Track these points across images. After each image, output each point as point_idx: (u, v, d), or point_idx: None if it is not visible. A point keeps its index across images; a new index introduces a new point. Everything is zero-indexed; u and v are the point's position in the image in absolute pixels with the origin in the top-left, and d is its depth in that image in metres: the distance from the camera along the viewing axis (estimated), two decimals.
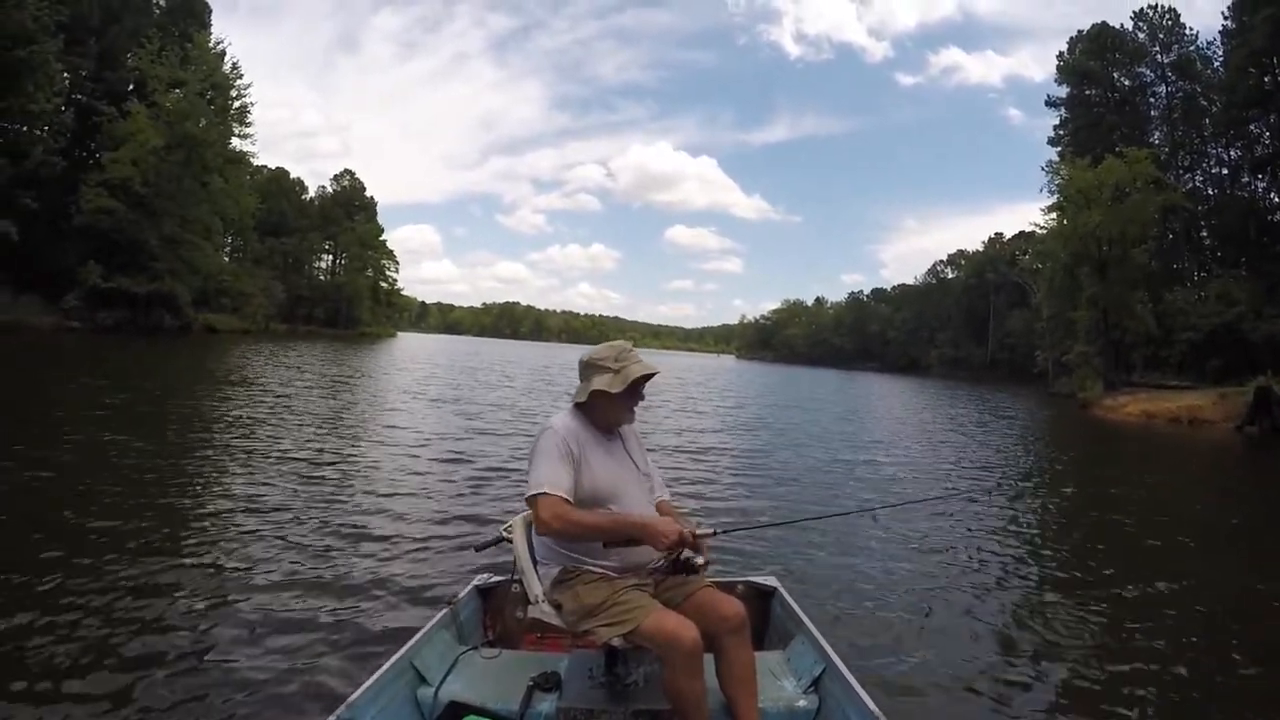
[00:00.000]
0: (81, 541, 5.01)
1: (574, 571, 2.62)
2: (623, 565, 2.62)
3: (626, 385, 2.67)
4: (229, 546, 5.25)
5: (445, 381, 24.35)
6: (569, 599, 2.56)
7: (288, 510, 6.33)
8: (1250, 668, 4.28)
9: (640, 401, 2.80)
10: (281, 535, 5.58)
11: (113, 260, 39.82)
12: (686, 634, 2.31)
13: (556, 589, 2.61)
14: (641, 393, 2.79)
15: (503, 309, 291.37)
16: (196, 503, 6.47)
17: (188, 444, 9.07)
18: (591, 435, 2.72)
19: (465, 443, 10.97)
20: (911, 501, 4.32)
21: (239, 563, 4.92)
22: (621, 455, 2.77)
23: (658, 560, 2.62)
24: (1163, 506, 10.04)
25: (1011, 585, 5.71)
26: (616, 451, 2.76)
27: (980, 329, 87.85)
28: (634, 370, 2.68)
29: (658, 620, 2.36)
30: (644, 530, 2.53)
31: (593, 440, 2.70)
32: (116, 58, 43.24)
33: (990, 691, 3.78)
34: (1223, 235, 47.17)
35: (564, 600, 2.57)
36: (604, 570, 2.60)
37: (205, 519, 5.96)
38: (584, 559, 2.62)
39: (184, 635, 3.77)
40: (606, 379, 2.68)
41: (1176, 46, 52.25)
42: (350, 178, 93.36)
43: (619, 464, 2.73)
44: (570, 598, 2.56)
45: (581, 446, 2.63)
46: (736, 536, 6.26)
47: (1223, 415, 24.80)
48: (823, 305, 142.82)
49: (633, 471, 2.76)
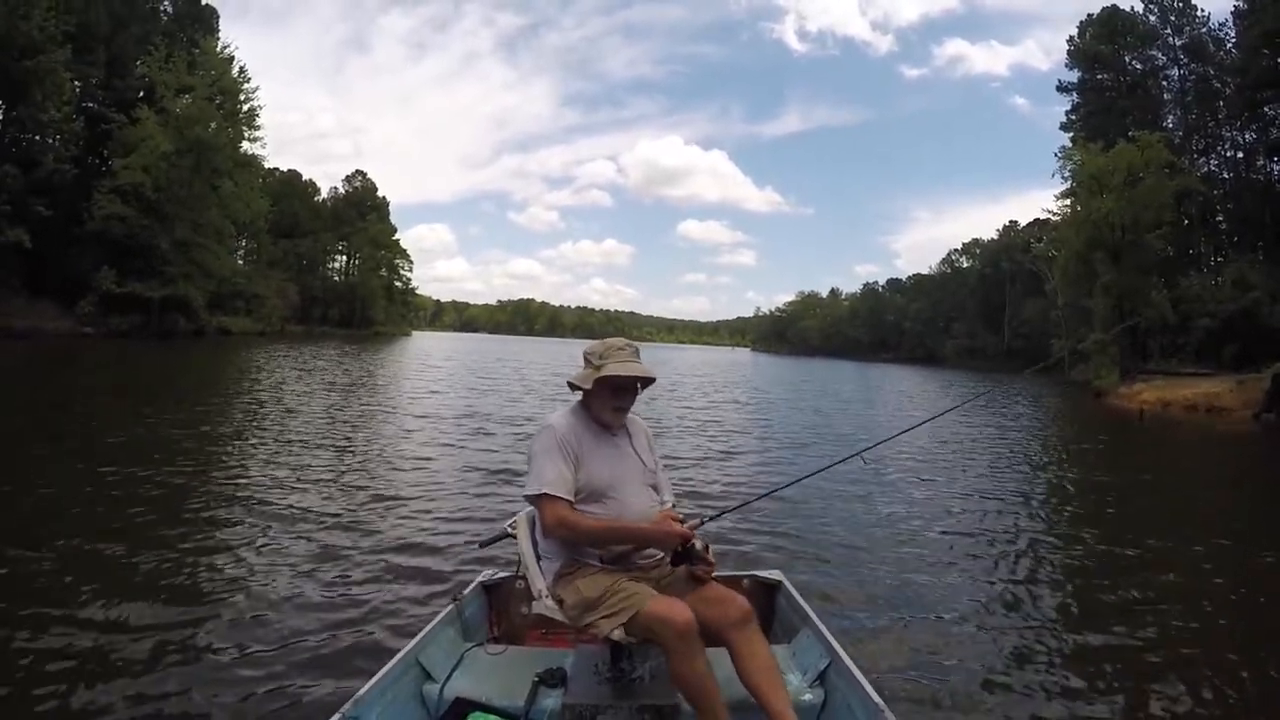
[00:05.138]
0: (80, 541, 5.05)
1: (575, 566, 2.63)
2: (615, 560, 2.62)
3: (591, 384, 2.67)
4: (235, 543, 5.29)
5: (456, 383, 24.41)
6: (570, 593, 2.56)
7: (293, 507, 6.38)
8: (1270, 667, 4.22)
9: (626, 402, 2.75)
10: (287, 531, 5.63)
11: (126, 265, 40.17)
12: (679, 615, 2.29)
13: (559, 584, 2.61)
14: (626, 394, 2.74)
15: (517, 306, 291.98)
16: (201, 500, 6.51)
17: (192, 442, 9.14)
18: (592, 431, 2.72)
19: (470, 441, 10.99)
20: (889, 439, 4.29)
21: (244, 560, 4.96)
22: (625, 451, 2.76)
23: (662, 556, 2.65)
24: (1176, 497, 9.94)
25: (1020, 578, 5.66)
26: (620, 446, 2.75)
27: (996, 318, 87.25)
28: (607, 370, 2.66)
29: (652, 606, 2.35)
30: (646, 537, 2.56)
31: (592, 436, 2.70)
32: (125, 65, 43.61)
33: (997, 684, 3.76)
34: (1239, 219, 46.49)
35: (566, 595, 2.57)
36: (598, 565, 2.62)
37: (209, 515, 6.01)
38: (585, 553, 2.63)
39: (189, 631, 3.79)
40: (585, 374, 2.70)
41: (1188, 29, 51.46)
42: (362, 178, 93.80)
43: (620, 458, 2.72)
44: (571, 592, 2.56)
45: (580, 442, 2.65)
46: (739, 533, 6.29)
47: (1240, 403, 24.44)
48: (837, 297, 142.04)
49: (636, 468, 2.74)
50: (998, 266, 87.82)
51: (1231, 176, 48.51)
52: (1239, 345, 34.47)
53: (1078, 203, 41.39)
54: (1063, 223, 44.95)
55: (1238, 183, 47.35)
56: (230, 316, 51.42)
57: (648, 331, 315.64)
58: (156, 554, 4.90)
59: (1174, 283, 42.19)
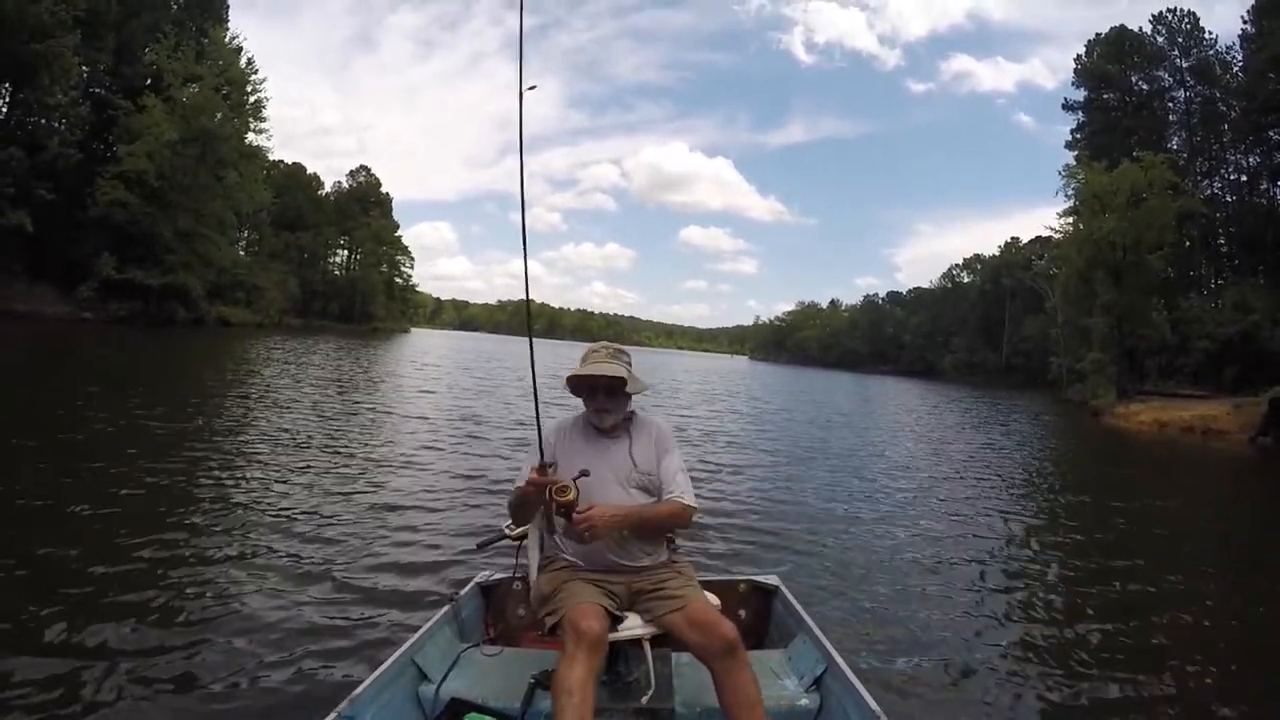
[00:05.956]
0: (79, 541, 4.99)
1: (548, 561, 2.74)
2: (586, 556, 2.65)
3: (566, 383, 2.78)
4: (230, 543, 5.24)
5: (454, 383, 24.37)
6: (537, 587, 2.65)
7: (290, 507, 6.32)
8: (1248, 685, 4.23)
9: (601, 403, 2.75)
10: (283, 532, 5.58)
11: (127, 252, 40.23)
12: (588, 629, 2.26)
13: (538, 578, 2.70)
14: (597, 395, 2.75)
15: (517, 307, 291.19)
16: (196, 500, 6.45)
17: (188, 441, 9.01)
18: (584, 431, 2.81)
19: (471, 443, 10.95)
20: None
21: (240, 559, 4.92)
22: (613, 451, 2.75)
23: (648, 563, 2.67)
24: (1169, 519, 9.93)
25: (1014, 588, 5.71)
26: (608, 447, 2.77)
27: (995, 334, 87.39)
28: (579, 369, 2.75)
29: (573, 611, 2.35)
30: (523, 494, 2.59)
31: (581, 435, 2.81)
32: (134, 52, 43.68)
33: (991, 691, 3.78)
34: (1241, 242, 46.56)
35: (537, 588, 2.66)
36: (570, 560, 2.67)
37: (205, 515, 5.95)
38: (558, 548, 2.72)
39: (184, 632, 3.76)
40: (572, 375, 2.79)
41: (1195, 51, 51.64)
42: (366, 174, 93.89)
43: (601, 458, 2.71)
44: (538, 586, 2.65)
45: (564, 440, 2.79)
46: (739, 539, 6.30)
47: (1237, 426, 24.45)
48: (837, 308, 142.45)
49: (622, 469, 2.72)
50: (998, 282, 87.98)
51: (1234, 199, 48.67)
52: (1238, 368, 34.55)
53: (1080, 221, 41.50)
54: (1064, 241, 45.06)
55: (1240, 206, 47.49)
56: (229, 307, 51.32)
57: (647, 336, 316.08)
58: (149, 554, 4.84)
59: (1174, 304, 42.34)
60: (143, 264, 40.68)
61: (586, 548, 2.60)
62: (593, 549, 2.61)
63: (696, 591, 2.59)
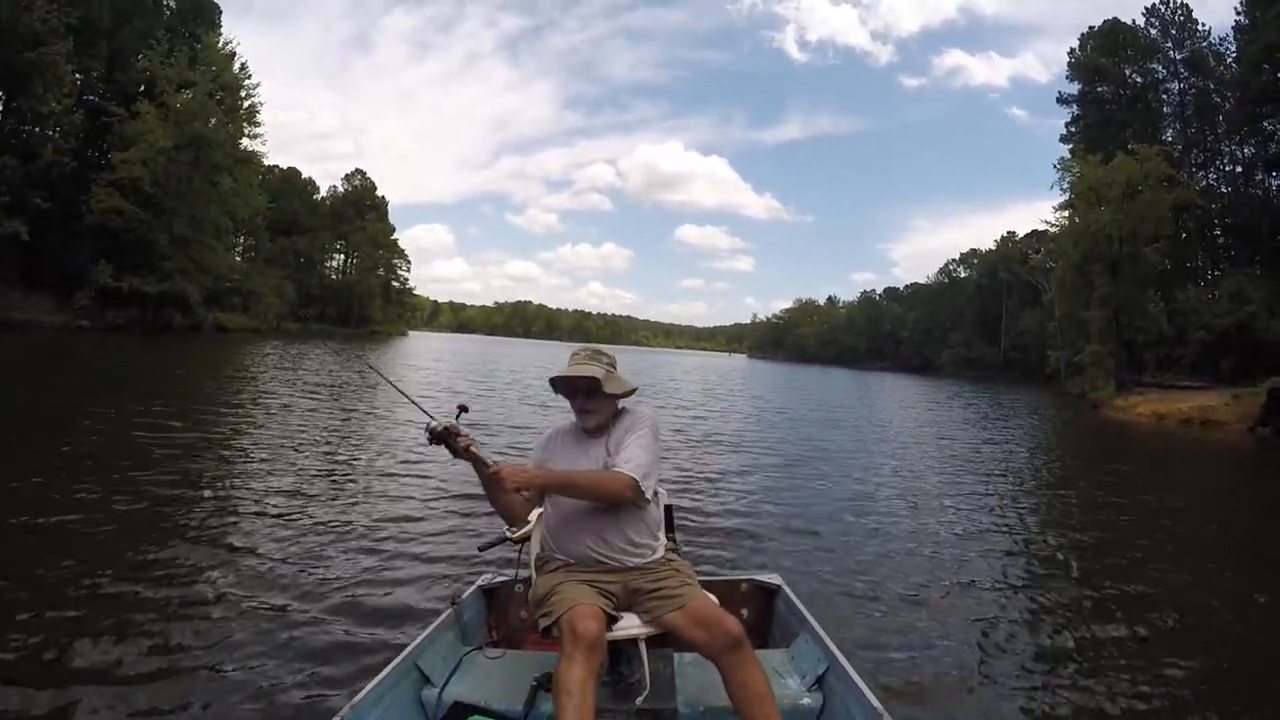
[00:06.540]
0: (79, 542, 5.02)
1: (543, 561, 2.76)
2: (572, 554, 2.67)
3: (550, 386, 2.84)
4: (231, 547, 5.23)
5: (456, 383, 24.35)
6: (534, 589, 2.66)
7: (291, 511, 6.32)
8: (1250, 677, 4.23)
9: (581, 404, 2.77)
10: (285, 536, 5.57)
11: (123, 259, 39.98)
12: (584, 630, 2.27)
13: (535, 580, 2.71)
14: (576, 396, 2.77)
15: (514, 308, 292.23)
16: (198, 504, 6.46)
17: (188, 446, 9.00)
18: (573, 432, 2.87)
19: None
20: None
21: (241, 563, 4.91)
22: (591, 450, 2.77)
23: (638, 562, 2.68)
24: (1169, 511, 9.92)
25: (1016, 585, 5.68)
26: (589, 447, 2.78)
27: (993, 328, 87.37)
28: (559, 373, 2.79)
29: (570, 613, 2.34)
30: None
31: (571, 438, 2.86)
32: (127, 59, 43.48)
33: (995, 689, 3.77)
34: (1236, 233, 46.53)
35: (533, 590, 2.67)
36: (562, 560, 2.69)
37: (206, 519, 5.96)
38: (552, 547, 2.74)
39: (185, 636, 3.75)
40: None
41: (1189, 42, 51.58)
42: (361, 177, 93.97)
43: (580, 458, 2.76)
44: (535, 587, 2.66)
45: (553, 443, 2.87)
46: (740, 538, 6.30)
47: (1235, 416, 24.46)
48: (835, 304, 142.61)
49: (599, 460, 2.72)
50: (995, 277, 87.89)
51: (1230, 190, 48.64)
52: (1235, 359, 34.59)
53: (1076, 214, 41.47)
54: (1060, 234, 45.01)
55: (1236, 197, 47.45)
56: (227, 313, 51.23)
57: (645, 336, 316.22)
58: (147, 560, 4.85)
59: (1171, 296, 42.33)
60: (139, 271, 40.46)
61: (571, 544, 2.66)
62: (576, 545, 2.65)
63: (695, 589, 2.58)
